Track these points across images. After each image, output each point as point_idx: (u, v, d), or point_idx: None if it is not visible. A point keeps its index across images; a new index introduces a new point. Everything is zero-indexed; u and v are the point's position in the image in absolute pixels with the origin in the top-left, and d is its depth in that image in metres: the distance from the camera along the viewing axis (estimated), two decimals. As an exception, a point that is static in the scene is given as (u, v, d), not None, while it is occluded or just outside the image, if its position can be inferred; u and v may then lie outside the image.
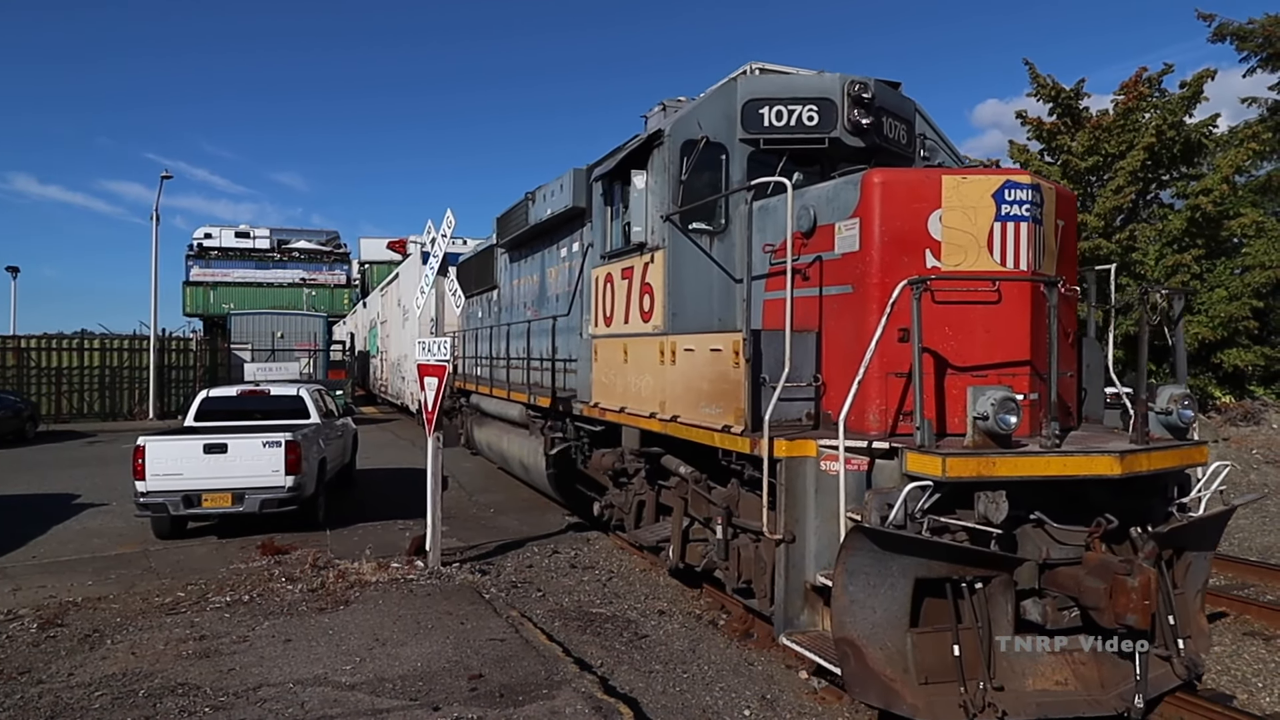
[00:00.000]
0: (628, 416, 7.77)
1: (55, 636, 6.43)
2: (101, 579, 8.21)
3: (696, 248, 7.28)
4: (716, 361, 6.18)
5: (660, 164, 7.30)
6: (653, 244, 7.40)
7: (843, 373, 5.72)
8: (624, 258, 8.03)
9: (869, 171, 5.96)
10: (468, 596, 7.30)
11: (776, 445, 5.52)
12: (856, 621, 4.86)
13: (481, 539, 9.91)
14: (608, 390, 8.31)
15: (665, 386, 7.01)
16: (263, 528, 9.90)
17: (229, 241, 46.96)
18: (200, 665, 5.70)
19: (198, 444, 9.50)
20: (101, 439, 22.04)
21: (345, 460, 13.28)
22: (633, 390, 7.67)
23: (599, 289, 8.73)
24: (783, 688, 5.81)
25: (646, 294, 7.55)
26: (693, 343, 6.60)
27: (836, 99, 7.17)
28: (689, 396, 6.60)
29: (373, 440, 19.82)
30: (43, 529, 10.50)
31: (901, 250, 5.68)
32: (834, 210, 6.09)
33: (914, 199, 5.73)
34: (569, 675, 5.43)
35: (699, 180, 7.22)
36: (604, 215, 8.65)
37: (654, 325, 7.38)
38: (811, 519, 5.57)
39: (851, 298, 5.89)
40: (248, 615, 6.82)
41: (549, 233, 11.02)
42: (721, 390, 6.12)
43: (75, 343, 28.35)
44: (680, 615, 7.29)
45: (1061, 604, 5.09)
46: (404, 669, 5.58)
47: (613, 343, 8.20)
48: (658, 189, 7.34)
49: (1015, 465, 4.96)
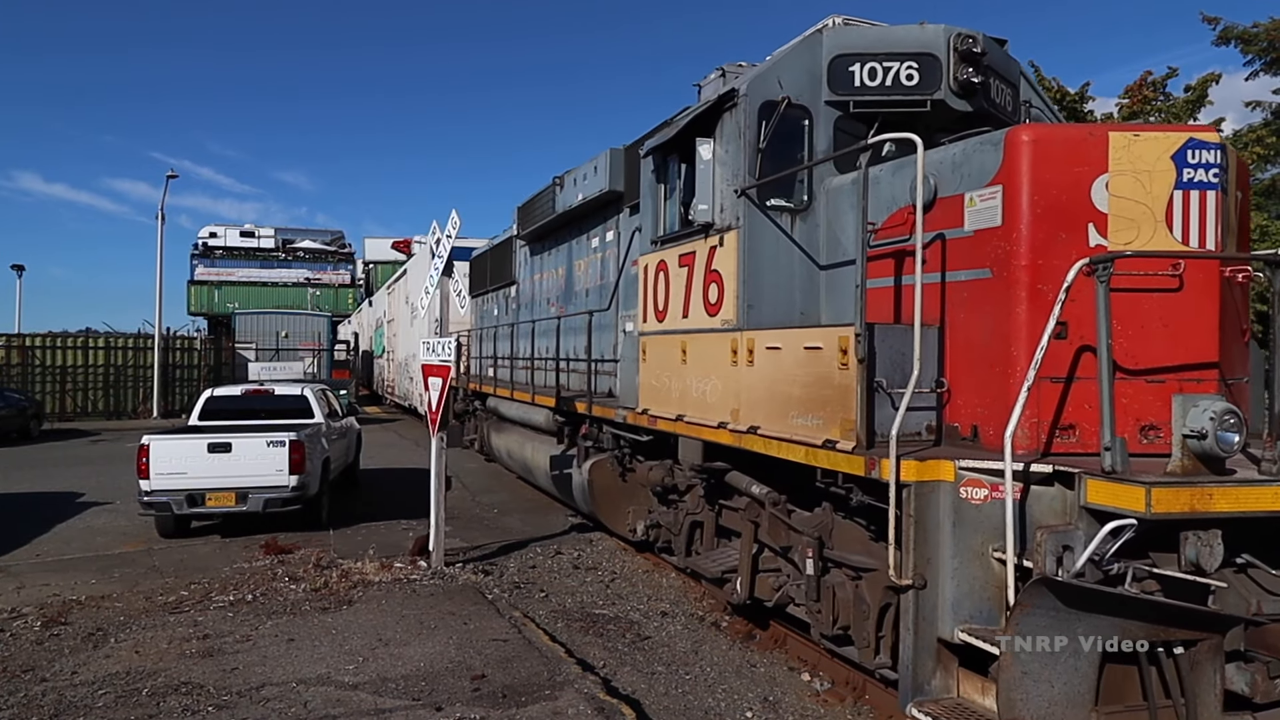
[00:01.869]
0: (686, 426, 6.75)
1: (59, 635, 6.44)
2: (105, 577, 8.23)
3: (777, 228, 6.27)
4: (814, 362, 5.17)
5: (733, 130, 6.32)
6: (722, 224, 6.39)
7: (971, 375, 4.95)
8: (682, 242, 7.02)
9: (1015, 128, 4.97)
10: (471, 597, 7.31)
11: (904, 466, 4.49)
12: (1030, 700, 3.89)
13: (485, 539, 9.91)
14: (659, 395, 7.30)
15: (739, 391, 6.00)
16: (266, 527, 9.91)
17: (234, 241, 47.15)
18: (203, 664, 5.71)
19: (202, 443, 9.52)
20: (106, 437, 22.09)
21: (349, 460, 13.30)
22: (693, 395, 6.66)
23: (648, 279, 7.65)
24: (785, 690, 5.80)
25: (713, 283, 6.54)
26: (778, 340, 5.60)
27: (941, 54, 6.13)
28: (772, 404, 5.61)
29: (376, 440, 19.83)
30: (46, 527, 10.53)
31: (1058, 225, 4.71)
32: (963, 177, 5.09)
33: (1073, 161, 4.74)
34: (571, 676, 5.43)
35: (778, 149, 6.24)
36: (656, 195, 7.58)
37: (723, 320, 6.38)
38: (947, 560, 4.49)
39: (989, 284, 4.89)
40: (251, 614, 6.83)
41: (577, 221, 10.47)
42: (822, 397, 5.10)
43: (80, 341, 28.44)
44: (683, 616, 7.28)
45: (1275, 671, 4.14)
46: (407, 669, 5.58)
47: (666, 340, 7.20)
48: (729, 159, 6.35)
49: (1237, 498, 3.96)
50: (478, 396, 15.54)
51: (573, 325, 10.28)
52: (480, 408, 15.53)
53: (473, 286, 17.22)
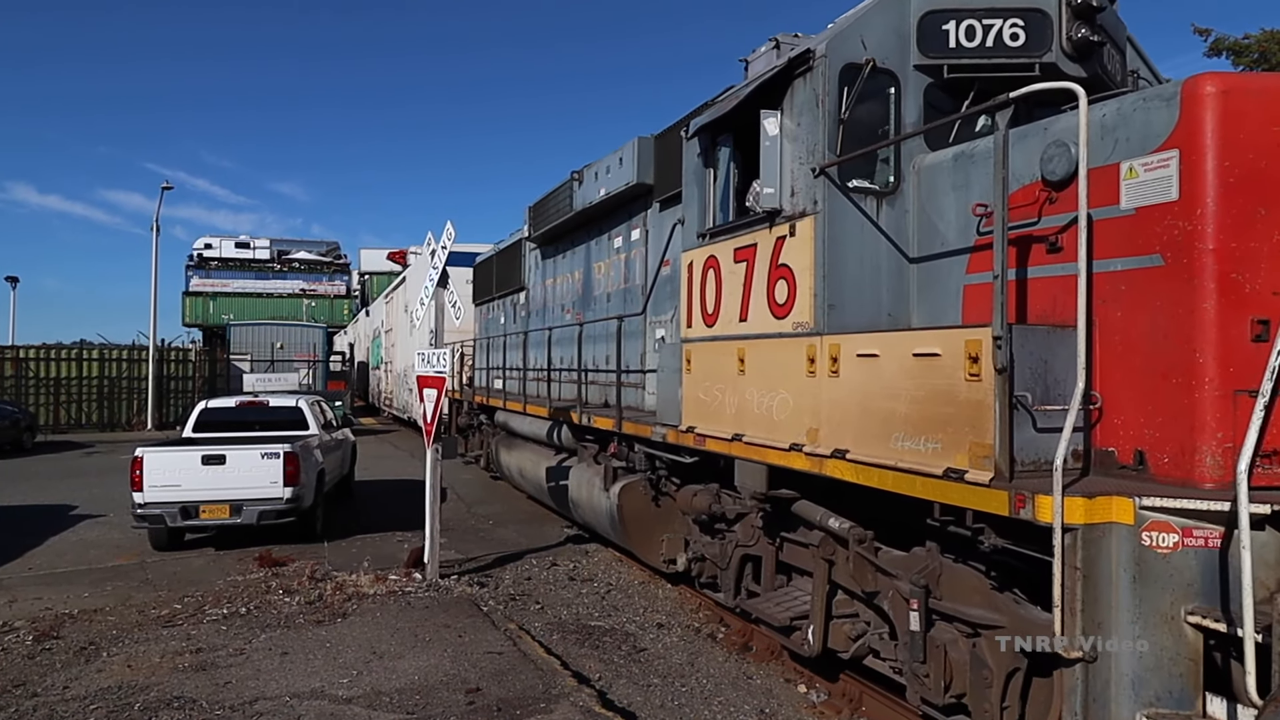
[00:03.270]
0: (745, 447, 5.87)
1: (51, 649, 6.40)
2: (98, 591, 8.18)
3: (861, 214, 5.36)
4: (928, 372, 4.31)
5: (808, 98, 5.43)
6: (793, 210, 5.51)
7: (1132, 387, 4.10)
8: (739, 233, 6.14)
9: (1194, 78, 4.02)
10: (466, 609, 7.28)
11: (1067, 505, 3.63)
12: None
13: (480, 551, 9.88)
14: (708, 410, 6.41)
15: (819, 408, 5.13)
16: (260, 539, 9.87)
17: (229, 252, 47.11)
18: (196, 678, 5.68)
19: (196, 455, 9.49)
20: (100, 449, 22.01)
21: (344, 471, 13.26)
22: (754, 411, 5.79)
23: (694, 278, 6.77)
24: (781, 701, 5.78)
25: (781, 279, 5.65)
26: (875, 345, 4.74)
27: (1051, 10, 5.29)
28: (867, 423, 4.73)
29: (372, 451, 19.79)
30: (39, 540, 10.47)
31: (1257, 198, 3.84)
32: (1117, 143, 4.21)
33: (1275, 118, 3.87)
34: (567, 689, 5.40)
35: (859, 123, 5.42)
36: (703, 182, 6.68)
37: (794, 322, 5.48)
38: (1127, 624, 3.65)
39: (1160, 274, 4.00)
40: (245, 628, 6.80)
41: (597, 220, 9.89)
42: (940, 416, 4.23)
43: (74, 353, 28.36)
44: (679, 628, 7.26)
45: None
46: (401, 682, 5.55)
47: (718, 348, 6.31)
48: (803, 134, 5.46)
49: None
50: (484, 410, 14.81)
51: (594, 333, 9.72)
52: (487, 422, 14.80)
53: (476, 294, 16.81)
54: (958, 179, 4.97)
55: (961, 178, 5.00)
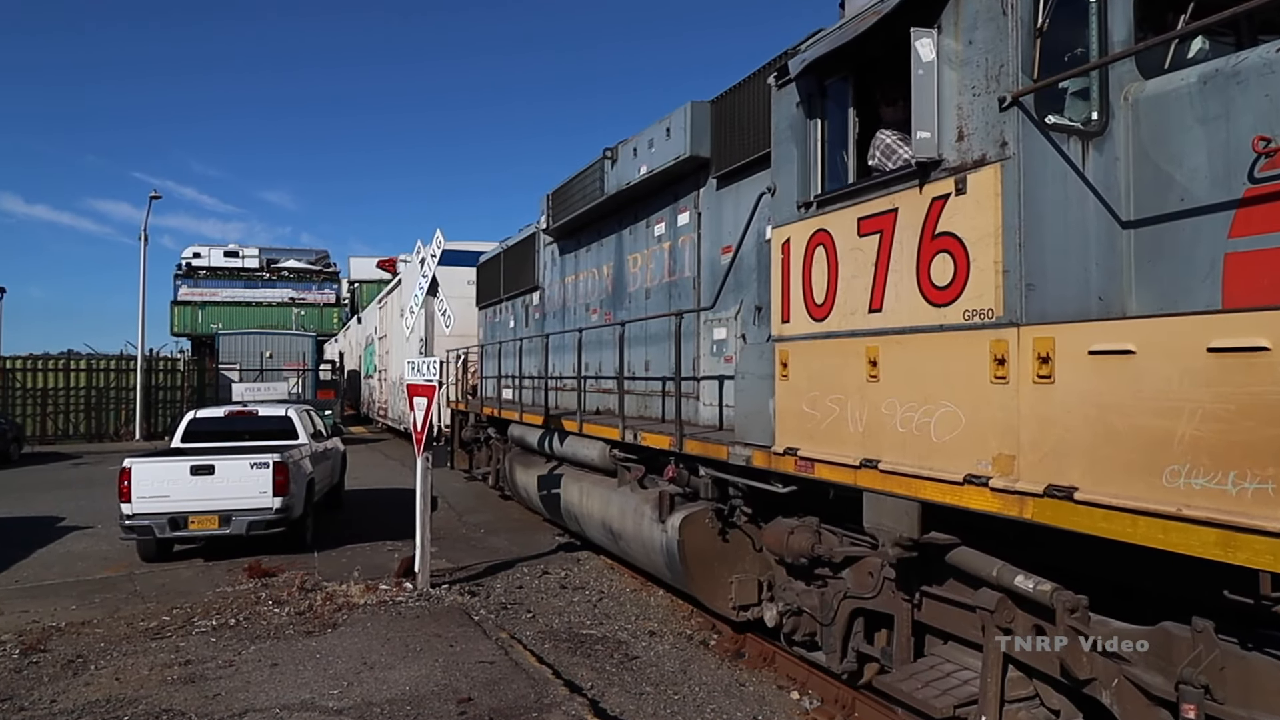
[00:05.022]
0: (884, 477, 4.59)
1: (38, 662, 6.35)
2: (85, 603, 8.11)
3: (1065, 161, 3.94)
4: (1235, 377, 2.97)
5: (986, 5, 4.07)
6: (963, 158, 4.17)
7: None
8: (865, 198, 4.82)
9: None
10: (457, 618, 7.25)
11: None
12: None
13: (471, 560, 9.85)
14: (817, 428, 5.15)
15: (1016, 425, 3.82)
16: (250, 550, 9.81)
17: (218, 261, 47.03)
18: (185, 690, 5.64)
19: (184, 465, 9.44)
20: (87, 460, 21.85)
21: (334, 481, 13.21)
22: (895, 429, 4.53)
23: (791, 260, 5.47)
24: (774, 708, 5.79)
25: (942, 252, 4.28)
26: (1127, 336, 3.37)
27: None
28: (1115, 449, 3.38)
29: (362, 460, 19.71)
30: (26, 552, 10.37)
31: None
32: None
33: None
34: (559, 698, 5.39)
35: (1054, 41, 4.03)
36: (806, 137, 5.37)
37: (969, 309, 4.10)
38: None
39: None
40: (234, 639, 6.76)
41: (631, 206, 8.95)
42: (1260, 441, 2.90)
43: (61, 363, 28.20)
44: (671, 636, 7.25)
45: None
46: (392, 693, 5.53)
47: (833, 347, 5.02)
48: (978, 54, 4.12)
49: None
50: (492, 423, 13.55)
51: (634, 335, 8.63)
52: (495, 436, 13.58)
53: (480, 296, 15.95)
54: (1210, 108, 3.57)
55: (1217, 106, 3.56)
